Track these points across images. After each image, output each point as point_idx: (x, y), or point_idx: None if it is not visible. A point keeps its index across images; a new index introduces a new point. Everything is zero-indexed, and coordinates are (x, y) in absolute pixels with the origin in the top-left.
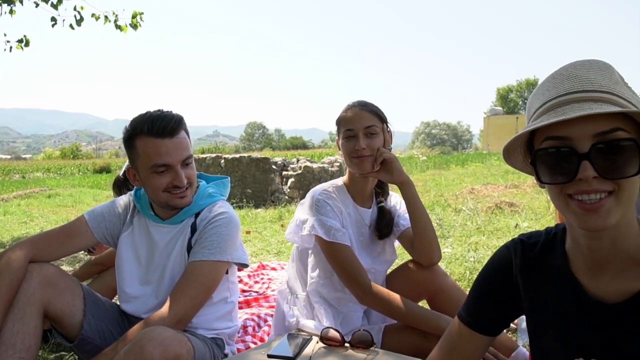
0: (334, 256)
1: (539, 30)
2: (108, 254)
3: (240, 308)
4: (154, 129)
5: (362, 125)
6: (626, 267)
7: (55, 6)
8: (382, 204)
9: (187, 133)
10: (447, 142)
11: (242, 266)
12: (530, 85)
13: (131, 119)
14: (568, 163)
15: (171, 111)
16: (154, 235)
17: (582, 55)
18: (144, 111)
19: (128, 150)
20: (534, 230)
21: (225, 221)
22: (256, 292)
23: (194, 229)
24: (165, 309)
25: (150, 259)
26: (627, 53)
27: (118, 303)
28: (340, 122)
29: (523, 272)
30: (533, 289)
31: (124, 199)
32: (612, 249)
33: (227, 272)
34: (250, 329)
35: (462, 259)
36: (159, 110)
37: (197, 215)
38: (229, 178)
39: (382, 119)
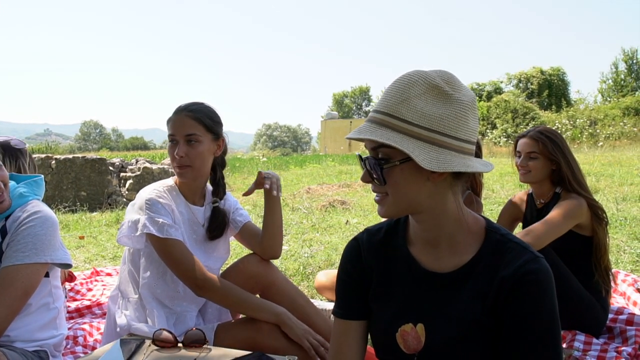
0: (168, 252)
1: (371, 40)
2: None
3: (71, 318)
4: None
5: (183, 133)
6: (453, 244)
7: None
8: (217, 204)
9: None
10: (288, 144)
11: (65, 267)
12: (363, 92)
13: None
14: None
15: None
16: None
17: (413, 63)
18: None
19: None
20: (362, 225)
21: (40, 220)
22: (89, 299)
23: (4, 232)
24: None
25: None
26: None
27: None
28: (167, 124)
29: (370, 255)
30: (379, 267)
31: None
32: (436, 230)
33: (48, 275)
34: (81, 339)
35: (297, 255)
36: None
37: (7, 218)
38: (42, 176)
39: (208, 128)
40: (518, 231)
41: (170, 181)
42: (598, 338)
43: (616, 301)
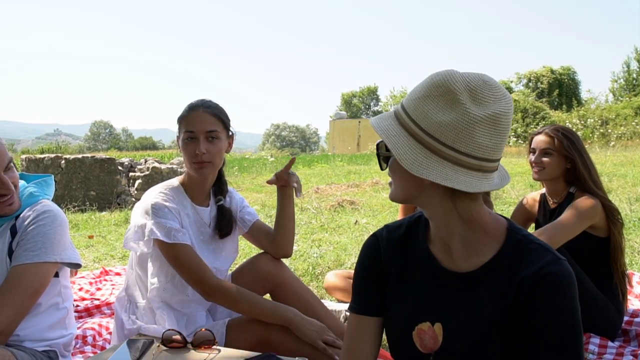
0: (176, 257)
1: (379, 41)
2: None
3: (80, 317)
4: None
5: (203, 129)
6: (466, 244)
7: None
8: (222, 203)
9: None
10: (296, 144)
11: (74, 267)
12: (371, 92)
13: None
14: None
15: None
16: None
17: (421, 63)
18: None
19: None
20: (372, 225)
21: (49, 220)
22: (98, 299)
23: (14, 232)
24: None
25: None
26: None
27: None
28: (181, 121)
29: (389, 251)
30: (398, 264)
31: None
32: (445, 229)
33: (57, 275)
34: (90, 339)
35: (306, 256)
36: None
37: (17, 217)
38: (52, 176)
39: (225, 124)
40: (531, 232)
41: (175, 182)
42: (613, 341)
43: (631, 304)
